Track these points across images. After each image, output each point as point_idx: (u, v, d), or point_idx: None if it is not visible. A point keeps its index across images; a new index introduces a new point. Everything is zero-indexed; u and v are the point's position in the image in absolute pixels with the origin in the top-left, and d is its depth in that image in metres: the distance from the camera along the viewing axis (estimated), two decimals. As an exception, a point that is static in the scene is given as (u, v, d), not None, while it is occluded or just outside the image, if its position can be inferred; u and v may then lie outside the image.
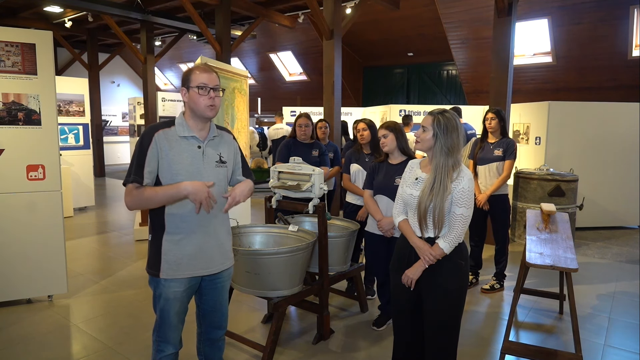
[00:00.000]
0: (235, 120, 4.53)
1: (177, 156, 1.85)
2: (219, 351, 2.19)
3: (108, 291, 3.90)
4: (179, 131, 1.88)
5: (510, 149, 3.84)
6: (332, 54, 6.32)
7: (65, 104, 6.89)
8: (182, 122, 1.91)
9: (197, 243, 1.91)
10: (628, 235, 6.08)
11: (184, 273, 1.90)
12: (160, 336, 1.96)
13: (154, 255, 1.90)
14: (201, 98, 1.85)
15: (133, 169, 1.82)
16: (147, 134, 1.84)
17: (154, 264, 1.90)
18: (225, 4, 7.92)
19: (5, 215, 3.38)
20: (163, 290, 1.90)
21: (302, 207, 2.98)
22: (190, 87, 1.87)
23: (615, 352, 2.98)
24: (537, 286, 4.00)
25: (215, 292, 2.05)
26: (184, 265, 1.89)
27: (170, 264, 1.88)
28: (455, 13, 8.57)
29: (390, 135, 2.99)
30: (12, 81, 3.30)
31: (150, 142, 1.83)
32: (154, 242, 1.91)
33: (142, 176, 1.81)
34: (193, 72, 1.89)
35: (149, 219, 1.94)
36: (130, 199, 1.82)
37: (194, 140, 1.90)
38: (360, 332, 3.18)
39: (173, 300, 1.91)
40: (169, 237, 1.88)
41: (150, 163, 1.82)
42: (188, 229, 1.89)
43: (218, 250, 1.99)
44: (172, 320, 1.93)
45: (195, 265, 1.92)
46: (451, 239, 2.01)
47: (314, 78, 12.86)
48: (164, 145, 1.83)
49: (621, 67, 8.17)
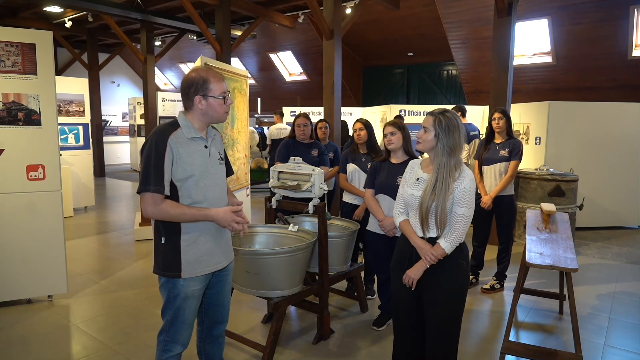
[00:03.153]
0: (235, 120, 4.52)
1: (189, 158, 1.87)
2: (220, 348, 2.20)
3: (108, 291, 3.90)
4: (187, 133, 1.89)
5: (516, 150, 3.82)
6: (332, 54, 6.32)
7: (65, 104, 6.89)
8: (187, 124, 1.90)
9: (212, 240, 1.97)
10: (628, 235, 6.08)
11: (204, 270, 1.94)
12: (169, 336, 1.96)
13: (172, 257, 1.89)
14: (222, 106, 1.92)
15: (152, 177, 1.79)
16: (161, 140, 1.82)
17: (172, 265, 1.89)
18: (225, 4, 7.92)
19: (5, 215, 3.38)
20: (182, 290, 1.91)
21: (302, 207, 2.98)
22: (209, 95, 1.88)
23: (615, 352, 2.98)
24: (537, 286, 4.00)
25: (221, 286, 2.09)
26: (203, 262, 1.94)
27: (190, 263, 1.90)
28: (455, 13, 8.56)
29: (398, 134, 2.99)
30: (12, 81, 3.30)
31: (165, 147, 1.81)
32: (170, 244, 1.90)
33: (164, 185, 1.80)
34: (210, 80, 1.88)
35: (156, 222, 1.92)
36: (155, 210, 1.81)
37: (201, 141, 1.93)
38: (360, 332, 3.18)
39: (191, 299, 1.95)
40: (187, 237, 1.90)
41: (167, 169, 1.82)
42: (202, 228, 1.93)
43: (226, 245, 2.07)
44: (187, 319, 1.96)
45: (212, 261, 1.98)
46: (452, 238, 2.01)
47: (314, 78, 12.86)
48: (177, 149, 1.84)
49: (621, 67, 8.17)
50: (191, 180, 1.87)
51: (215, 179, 1.98)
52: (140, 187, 1.81)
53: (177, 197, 1.87)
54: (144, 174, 1.81)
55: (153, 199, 1.80)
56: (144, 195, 1.81)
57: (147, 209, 1.82)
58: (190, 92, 1.89)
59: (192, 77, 1.89)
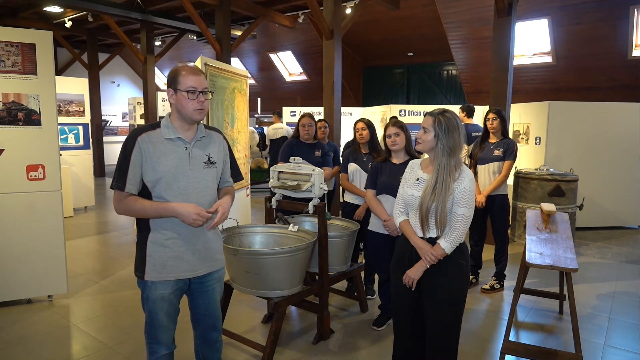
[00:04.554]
0: (235, 120, 4.52)
1: (161, 158, 1.81)
2: (217, 352, 2.17)
3: (108, 291, 3.90)
4: (165, 133, 1.84)
5: (510, 150, 3.84)
6: (332, 54, 6.32)
7: (65, 104, 6.89)
8: (167, 124, 1.87)
9: (183, 245, 1.88)
10: (628, 235, 6.08)
11: (168, 275, 1.87)
12: (150, 337, 1.94)
13: (140, 257, 1.89)
14: (190, 102, 1.81)
15: (116, 174, 1.81)
16: (130, 138, 1.81)
17: (139, 265, 1.89)
18: (225, 4, 7.92)
19: (5, 215, 3.38)
20: (149, 292, 1.88)
21: (302, 207, 2.98)
22: (178, 89, 1.81)
23: (615, 352, 2.98)
24: (537, 286, 4.00)
25: (206, 296, 2.00)
26: (169, 267, 1.86)
27: (155, 266, 1.85)
28: (455, 13, 8.56)
29: (401, 135, 3.00)
30: (12, 81, 3.30)
31: (133, 146, 1.79)
32: (140, 243, 1.89)
33: (125, 183, 1.79)
34: (180, 73, 1.82)
35: (136, 219, 1.94)
36: (119, 207, 1.84)
37: (180, 142, 1.86)
38: (360, 332, 3.18)
39: (160, 302, 1.88)
40: (155, 239, 1.86)
41: (133, 169, 1.79)
42: (174, 230, 1.86)
43: (205, 252, 1.94)
44: (161, 321, 1.91)
45: (181, 267, 1.88)
46: (452, 239, 2.01)
47: (314, 78, 12.86)
48: (147, 148, 1.80)
49: (621, 67, 8.17)
50: (162, 182, 1.81)
51: (195, 183, 1.87)
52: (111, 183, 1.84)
53: (150, 198, 1.84)
54: (115, 171, 1.85)
55: (116, 195, 1.83)
56: (114, 192, 1.85)
57: (114, 203, 1.85)
58: (168, 87, 1.87)
59: (170, 71, 1.88)
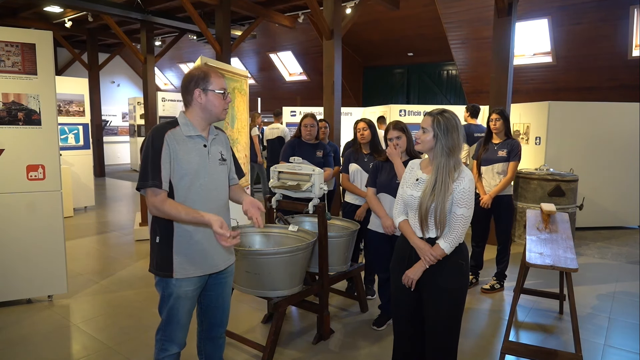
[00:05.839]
0: (235, 120, 4.53)
1: (186, 156, 1.86)
2: (220, 349, 2.19)
3: (108, 291, 3.90)
4: (185, 131, 1.89)
5: (514, 151, 3.83)
6: (332, 54, 6.32)
7: (65, 104, 6.89)
8: (186, 122, 1.91)
9: (207, 242, 1.93)
10: (628, 235, 6.08)
11: (195, 272, 1.92)
12: (166, 335, 1.96)
13: (165, 256, 1.90)
14: (221, 102, 1.91)
15: (150, 172, 1.79)
16: (158, 136, 1.82)
17: (164, 264, 1.90)
18: (225, 4, 7.92)
19: (5, 215, 3.38)
20: (174, 290, 1.90)
21: (302, 207, 2.98)
22: (209, 89, 1.88)
23: (615, 352, 2.98)
24: (537, 286, 4.00)
25: (220, 288, 2.07)
26: (197, 263, 1.92)
27: (182, 264, 1.89)
28: (455, 13, 8.56)
29: (403, 137, 3.00)
30: (12, 81, 3.30)
31: (162, 143, 1.81)
32: (164, 243, 1.90)
33: (161, 180, 1.80)
34: (211, 75, 1.90)
35: (152, 221, 1.93)
36: (162, 207, 1.79)
37: (200, 140, 1.92)
38: (360, 332, 3.18)
39: (184, 299, 1.93)
40: (180, 238, 1.89)
41: (165, 165, 1.81)
42: (197, 230, 1.91)
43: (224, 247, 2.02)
44: (181, 319, 1.95)
45: (207, 263, 1.95)
46: (452, 239, 2.01)
47: (314, 78, 12.86)
48: (174, 146, 1.84)
49: (621, 67, 8.17)
50: (186, 179, 1.86)
51: (214, 180, 1.95)
52: (140, 183, 1.82)
53: (172, 196, 1.86)
54: (142, 170, 1.82)
55: (153, 193, 1.81)
56: (145, 191, 1.82)
57: (148, 204, 1.83)
58: (190, 86, 1.89)
59: (192, 72, 1.92)
